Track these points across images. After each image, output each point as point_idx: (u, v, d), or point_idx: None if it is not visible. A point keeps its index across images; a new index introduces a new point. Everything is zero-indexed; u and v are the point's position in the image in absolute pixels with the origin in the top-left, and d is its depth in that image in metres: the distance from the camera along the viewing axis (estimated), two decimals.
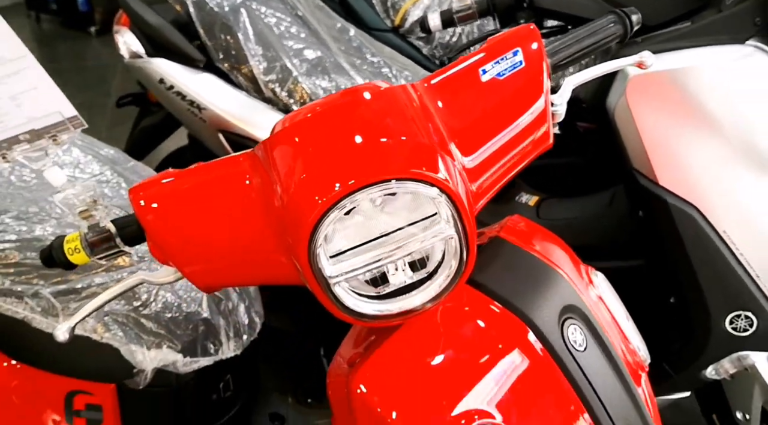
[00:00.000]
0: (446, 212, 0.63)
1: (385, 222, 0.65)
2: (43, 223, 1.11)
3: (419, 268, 0.68)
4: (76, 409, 1.10)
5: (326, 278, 0.65)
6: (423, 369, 0.70)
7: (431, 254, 0.67)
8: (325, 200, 0.62)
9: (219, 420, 1.20)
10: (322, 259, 0.64)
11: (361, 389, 0.71)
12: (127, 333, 1.03)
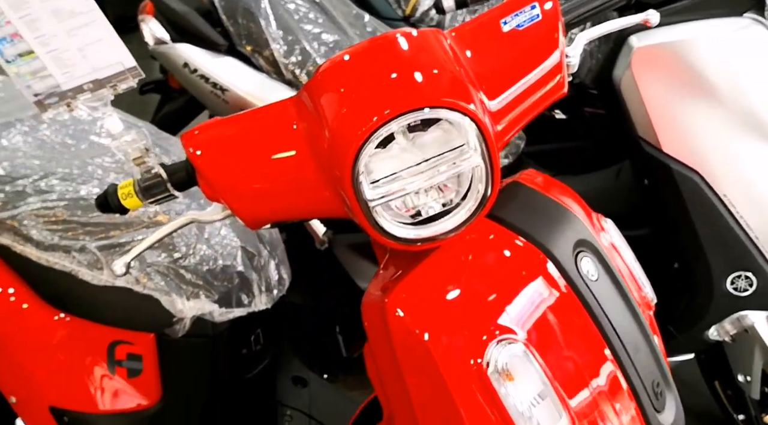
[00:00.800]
0: (474, 141, 0.71)
1: (418, 154, 0.73)
2: (87, 183, 1.18)
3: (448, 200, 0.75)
4: (118, 359, 1.17)
5: (367, 202, 0.72)
6: (452, 293, 0.77)
7: (459, 186, 0.75)
8: (364, 130, 0.69)
9: (248, 373, 1.27)
10: (363, 184, 0.71)
11: (395, 311, 0.77)
12: (168, 283, 1.10)
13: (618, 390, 0.81)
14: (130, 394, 1.19)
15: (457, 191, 0.75)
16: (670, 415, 0.85)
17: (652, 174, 1.37)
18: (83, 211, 1.14)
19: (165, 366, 1.18)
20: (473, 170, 0.73)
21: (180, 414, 1.22)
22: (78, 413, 1.17)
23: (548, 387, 0.76)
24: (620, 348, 0.82)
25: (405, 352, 0.78)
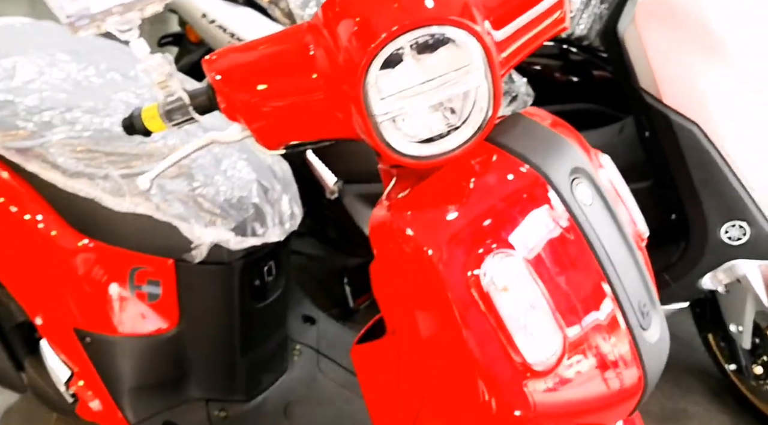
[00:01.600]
0: (478, 61, 0.76)
1: (424, 74, 0.78)
2: (110, 116, 1.24)
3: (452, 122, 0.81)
4: (138, 284, 1.24)
5: (375, 117, 0.77)
6: (454, 210, 0.83)
7: (462, 108, 0.80)
8: (374, 46, 0.74)
9: (260, 303, 1.34)
10: (372, 100, 0.77)
11: (401, 228, 0.83)
12: (187, 210, 1.17)
13: (608, 307, 0.87)
14: (149, 318, 1.26)
15: (460, 113, 0.80)
16: (655, 333, 0.91)
17: (653, 126, 1.41)
18: (107, 141, 1.20)
19: (183, 291, 1.25)
20: (476, 91, 0.78)
21: (196, 338, 1.29)
22: (100, 335, 1.25)
23: (542, 299, 0.82)
24: (611, 269, 0.88)
25: (409, 266, 0.83)
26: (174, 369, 1.31)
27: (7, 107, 1.23)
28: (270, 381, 1.43)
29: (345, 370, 1.49)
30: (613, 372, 0.87)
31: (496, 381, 0.82)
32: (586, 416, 0.90)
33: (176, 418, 1.32)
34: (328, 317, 1.65)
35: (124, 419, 1.28)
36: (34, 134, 1.20)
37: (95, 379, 1.27)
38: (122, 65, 1.41)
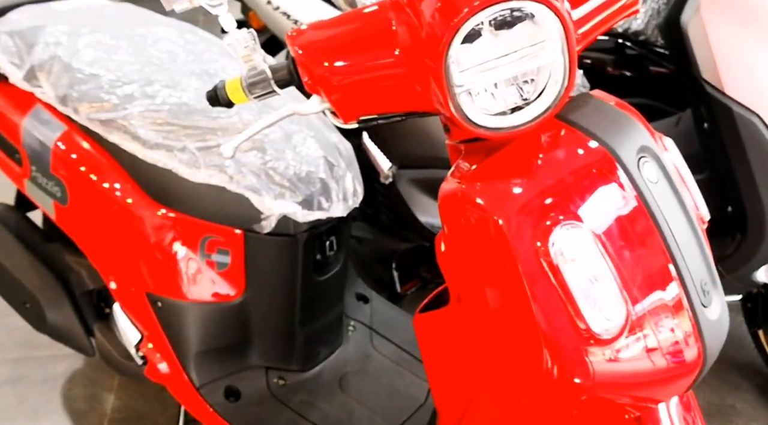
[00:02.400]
0: (556, 36, 0.79)
1: (503, 48, 0.81)
2: (186, 91, 1.31)
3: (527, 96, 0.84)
4: (208, 252, 1.31)
5: (455, 88, 0.81)
6: (524, 182, 0.87)
7: (537, 82, 0.83)
8: (456, 21, 0.78)
9: (321, 276, 1.39)
10: (453, 72, 0.80)
11: (472, 198, 0.87)
12: (259, 182, 1.22)
13: (671, 283, 0.89)
14: (217, 285, 1.32)
15: (535, 87, 0.83)
16: (716, 311, 0.93)
17: (713, 117, 1.42)
18: (185, 115, 1.27)
19: (249, 261, 1.31)
20: (552, 66, 0.81)
21: (259, 307, 1.35)
22: (170, 300, 1.31)
23: (608, 271, 0.85)
24: (674, 247, 0.90)
25: (479, 236, 0.87)
26: (237, 336, 1.37)
27: (92, 80, 1.30)
28: (326, 354, 1.48)
29: (397, 347, 1.53)
30: (673, 347, 0.90)
31: (560, 348, 0.86)
32: (642, 389, 0.93)
33: (237, 384, 1.37)
34: (380, 296, 1.69)
35: (189, 382, 1.34)
36: (116, 106, 1.27)
37: (164, 343, 1.34)
38: (189, 46, 1.48)
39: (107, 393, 1.84)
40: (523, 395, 0.92)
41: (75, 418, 1.76)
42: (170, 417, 1.76)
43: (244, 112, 1.30)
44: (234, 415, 1.33)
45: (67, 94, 1.30)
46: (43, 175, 1.38)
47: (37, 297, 1.53)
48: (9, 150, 1.45)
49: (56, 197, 1.37)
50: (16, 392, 1.83)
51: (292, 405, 1.37)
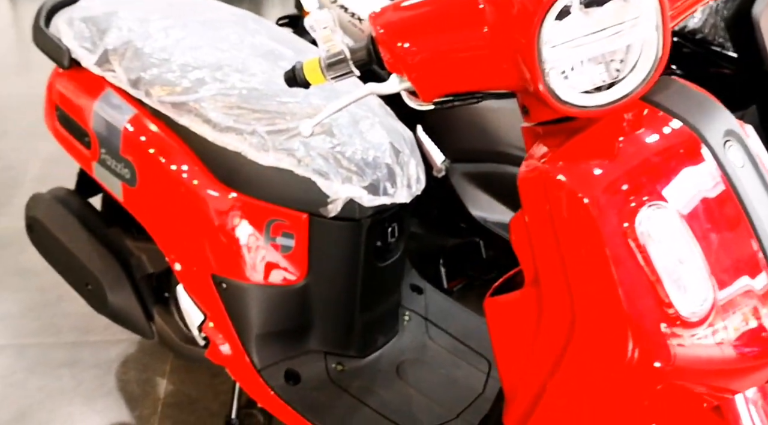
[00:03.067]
0: (651, 12, 0.79)
1: (593, 25, 0.81)
2: (255, 76, 1.33)
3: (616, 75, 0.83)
4: (273, 236, 1.32)
5: (545, 64, 0.81)
6: (609, 161, 0.86)
7: (627, 60, 0.83)
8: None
9: (381, 262, 1.39)
10: (543, 49, 0.80)
11: (557, 177, 0.87)
12: (327, 166, 1.23)
13: (757, 269, 0.87)
14: (281, 269, 1.33)
15: (625, 65, 0.83)
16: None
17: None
18: (254, 99, 1.28)
19: (313, 245, 1.32)
20: (643, 43, 0.81)
21: (320, 291, 1.36)
22: (235, 281, 1.33)
23: (694, 253, 0.84)
24: (762, 231, 0.89)
25: (563, 215, 0.87)
26: (298, 320, 1.38)
27: (164, 64, 1.33)
28: (383, 342, 1.48)
29: (453, 338, 1.53)
30: (757, 337, 0.88)
31: (643, 330, 0.85)
32: (722, 378, 0.91)
33: (297, 367, 1.38)
34: (434, 287, 1.69)
35: (250, 363, 1.36)
36: (188, 90, 1.30)
37: (227, 324, 1.36)
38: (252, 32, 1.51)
39: (160, 378, 1.87)
40: (602, 379, 0.90)
41: (129, 402, 1.79)
42: (222, 403, 1.78)
43: (312, 97, 1.31)
44: (294, 398, 1.34)
45: (139, 78, 1.33)
46: (112, 157, 1.40)
47: (100, 279, 1.56)
48: (78, 133, 1.49)
49: (125, 179, 1.40)
50: (72, 374, 1.87)
51: (351, 390, 1.38)
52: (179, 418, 1.74)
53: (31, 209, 1.70)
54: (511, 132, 1.76)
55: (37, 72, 4.07)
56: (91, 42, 1.42)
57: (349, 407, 1.34)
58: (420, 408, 1.35)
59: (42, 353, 1.94)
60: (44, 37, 1.49)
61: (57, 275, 2.18)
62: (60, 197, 1.70)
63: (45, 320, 2.06)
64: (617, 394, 0.91)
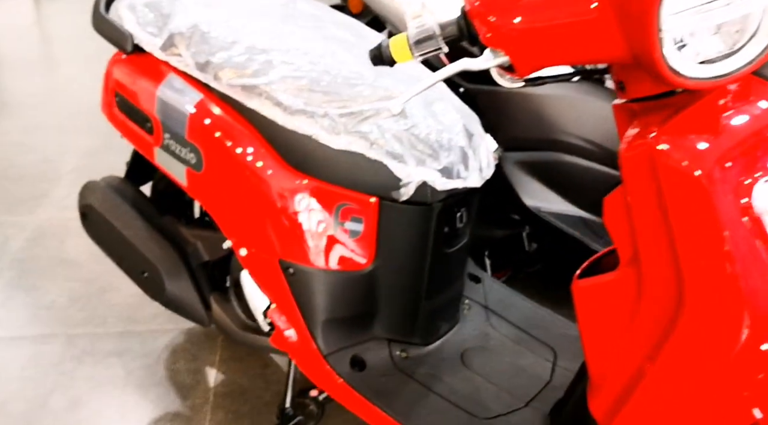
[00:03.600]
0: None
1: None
2: (324, 58, 1.32)
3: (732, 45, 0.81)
4: (342, 220, 1.30)
5: (662, 32, 0.79)
6: (719, 134, 0.84)
7: (745, 30, 0.81)
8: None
9: (449, 248, 1.38)
10: (664, 15, 0.78)
11: (664, 150, 0.84)
12: (402, 147, 1.22)
13: None
14: (349, 254, 1.32)
15: (743, 35, 0.81)
16: None
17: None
18: (325, 82, 1.27)
19: (382, 230, 1.30)
20: (763, 13, 0.79)
21: (387, 277, 1.34)
22: (303, 266, 1.32)
23: None
24: None
25: (673, 190, 0.84)
26: (364, 306, 1.37)
27: (232, 47, 1.32)
28: (445, 330, 1.47)
29: (514, 326, 1.51)
30: None
31: (756, 311, 0.83)
32: None
33: (362, 354, 1.37)
34: (491, 276, 1.67)
35: (316, 349, 1.34)
36: (257, 72, 1.29)
37: (293, 309, 1.34)
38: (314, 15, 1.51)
39: (210, 368, 1.86)
40: (708, 364, 0.88)
41: (180, 391, 1.78)
42: (274, 393, 1.77)
43: (380, 80, 1.30)
44: (361, 384, 1.32)
45: (207, 62, 1.32)
46: (177, 142, 1.40)
47: (157, 267, 1.55)
48: (140, 119, 1.48)
49: (190, 164, 1.39)
50: (122, 363, 1.86)
51: (417, 377, 1.36)
52: (231, 408, 1.73)
53: (85, 197, 1.69)
54: (568, 120, 1.74)
55: (64, 68, 4.09)
56: (156, 26, 1.41)
57: (417, 393, 1.33)
58: (488, 396, 1.33)
59: (90, 342, 1.94)
60: (106, 23, 1.48)
61: (100, 266, 2.21)
62: (114, 185, 1.69)
63: (91, 310, 2.06)
64: (721, 381, 0.89)
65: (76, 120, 3.26)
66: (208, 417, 1.71)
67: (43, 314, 2.05)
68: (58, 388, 1.78)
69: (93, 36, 1.57)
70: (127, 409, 1.73)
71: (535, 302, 1.58)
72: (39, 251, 2.33)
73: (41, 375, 1.82)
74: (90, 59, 4.02)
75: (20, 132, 3.19)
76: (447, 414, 1.29)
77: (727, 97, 0.87)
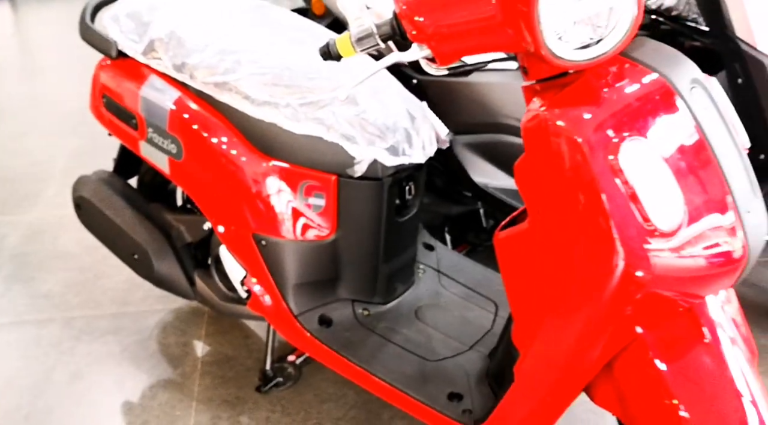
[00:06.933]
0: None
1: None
2: (285, 56, 1.52)
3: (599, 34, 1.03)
4: (306, 196, 1.51)
5: (542, 26, 1.00)
6: (597, 106, 1.05)
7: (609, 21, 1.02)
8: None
9: (400, 218, 1.59)
10: (541, 14, 0.99)
11: (554, 122, 1.06)
12: (353, 131, 1.43)
13: (720, 189, 1.07)
14: (313, 226, 1.53)
15: (607, 25, 1.02)
16: (757, 216, 1.11)
17: (747, 72, 1.59)
18: (286, 77, 1.47)
19: (342, 203, 1.51)
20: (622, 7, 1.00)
21: (348, 245, 1.55)
22: (273, 239, 1.52)
23: (670, 177, 1.03)
24: (723, 161, 1.08)
25: (560, 154, 1.06)
26: (329, 271, 1.57)
27: (205, 49, 1.52)
28: (402, 290, 1.68)
29: (463, 286, 1.73)
30: (722, 247, 1.08)
31: (628, 246, 1.04)
32: (694, 285, 1.11)
33: (329, 313, 1.58)
34: (443, 245, 1.89)
35: (288, 311, 1.55)
36: (228, 71, 1.49)
37: (266, 277, 1.54)
38: (277, 19, 1.71)
39: (197, 341, 2.05)
40: (595, 291, 1.10)
41: (172, 361, 1.98)
42: (256, 360, 1.96)
43: (336, 73, 1.50)
44: (328, 339, 1.53)
45: (183, 63, 1.52)
46: (159, 135, 1.59)
47: (146, 250, 1.75)
48: (125, 117, 1.67)
49: (171, 154, 1.58)
50: (118, 340, 2.05)
51: (377, 330, 1.57)
52: (218, 374, 1.93)
53: (78, 190, 1.88)
54: (507, 105, 1.95)
55: (47, 75, 4.26)
56: (137, 34, 1.60)
57: (377, 344, 1.54)
58: (438, 343, 1.55)
59: (86, 324, 2.12)
60: (92, 33, 1.68)
61: (92, 257, 2.39)
62: (104, 178, 1.88)
63: (86, 295, 2.25)
64: (606, 303, 1.10)
65: (62, 124, 3.44)
66: (197, 382, 1.90)
67: (42, 301, 2.23)
68: (59, 364, 1.97)
69: (72, 44, 1.77)
70: (124, 379, 1.92)
71: (482, 265, 1.80)
72: (35, 246, 2.51)
73: (43, 354, 2.00)
74: (72, 66, 4.20)
75: (8, 138, 3.36)
76: (403, 359, 1.50)
77: (606, 77, 1.08)
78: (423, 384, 1.45)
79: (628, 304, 1.08)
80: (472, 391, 1.42)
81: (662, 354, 1.13)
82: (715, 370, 1.13)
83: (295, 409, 1.81)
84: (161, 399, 1.85)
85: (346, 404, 1.82)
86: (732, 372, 1.12)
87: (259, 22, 1.66)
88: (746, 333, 1.24)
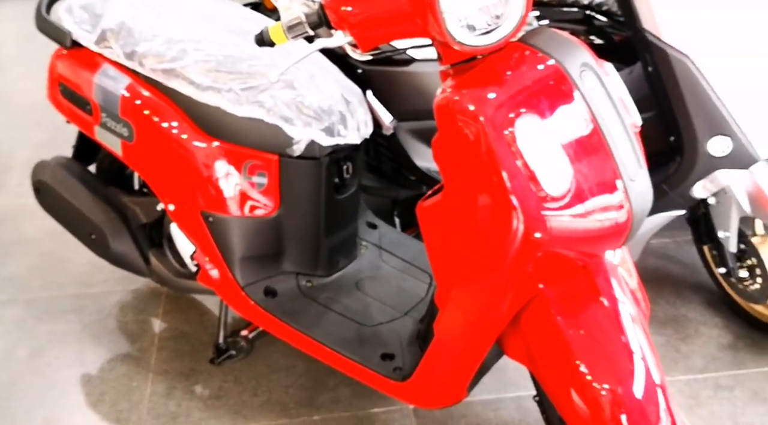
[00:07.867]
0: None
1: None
2: (227, 45, 1.63)
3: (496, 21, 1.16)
4: (249, 175, 1.63)
5: (443, 13, 1.12)
6: (498, 88, 1.18)
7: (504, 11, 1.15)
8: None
9: (340, 195, 1.71)
10: (442, 5, 1.12)
11: (460, 103, 1.19)
12: (291, 113, 1.55)
13: (606, 159, 1.21)
14: (257, 203, 1.64)
15: (502, 14, 1.16)
16: (641, 184, 1.25)
17: (654, 61, 1.75)
18: (229, 64, 1.59)
19: (283, 181, 1.63)
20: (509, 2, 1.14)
21: (291, 221, 1.67)
22: (220, 215, 1.63)
23: (558, 148, 1.17)
24: (609, 135, 1.22)
25: (466, 131, 1.19)
26: (273, 246, 1.69)
27: (154, 39, 1.63)
28: (344, 264, 1.80)
29: (402, 260, 1.86)
30: (609, 211, 1.22)
31: (525, 211, 1.17)
32: (587, 244, 1.25)
33: (274, 285, 1.69)
34: (386, 223, 2.01)
35: (235, 282, 1.66)
36: (175, 59, 1.60)
37: (214, 251, 1.66)
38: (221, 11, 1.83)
39: (155, 319, 2.16)
40: (499, 253, 1.23)
41: (130, 337, 2.08)
42: (210, 335, 2.07)
43: (276, 59, 1.62)
44: (273, 308, 1.65)
45: (133, 51, 1.63)
46: (112, 119, 1.70)
47: (103, 230, 1.85)
48: (80, 103, 1.77)
49: (124, 137, 1.69)
50: (78, 319, 2.15)
51: (320, 300, 1.69)
52: (174, 348, 2.04)
53: (37, 174, 1.97)
54: None
55: (12, 69, 4.29)
56: (90, 24, 1.70)
57: (319, 312, 1.66)
58: (375, 310, 1.67)
59: (49, 304, 2.21)
60: (47, 23, 1.77)
61: (54, 242, 2.48)
62: (62, 163, 1.98)
63: (48, 278, 2.34)
64: (511, 262, 1.23)
65: (26, 117, 3.50)
66: (154, 356, 2.01)
67: (4, 283, 2.31)
68: (21, 342, 2.06)
69: (37, 39, 1.85)
70: (84, 354, 2.02)
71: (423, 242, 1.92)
72: None
73: (4, 333, 2.09)
74: (37, 60, 4.23)
75: None
76: (342, 325, 1.63)
77: (508, 62, 1.22)
78: (359, 347, 1.57)
79: (530, 262, 1.22)
80: (404, 351, 1.55)
81: (562, 310, 1.27)
82: (609, 326, 1.26)
83: (247, 379, 1.93)
84: (119, 371, 1.96)
85: (295, 373, 1.94)
86: (625, 328, 1.26)
87: (207, 14, 1.78)
88: (639, 292, 1.39)
